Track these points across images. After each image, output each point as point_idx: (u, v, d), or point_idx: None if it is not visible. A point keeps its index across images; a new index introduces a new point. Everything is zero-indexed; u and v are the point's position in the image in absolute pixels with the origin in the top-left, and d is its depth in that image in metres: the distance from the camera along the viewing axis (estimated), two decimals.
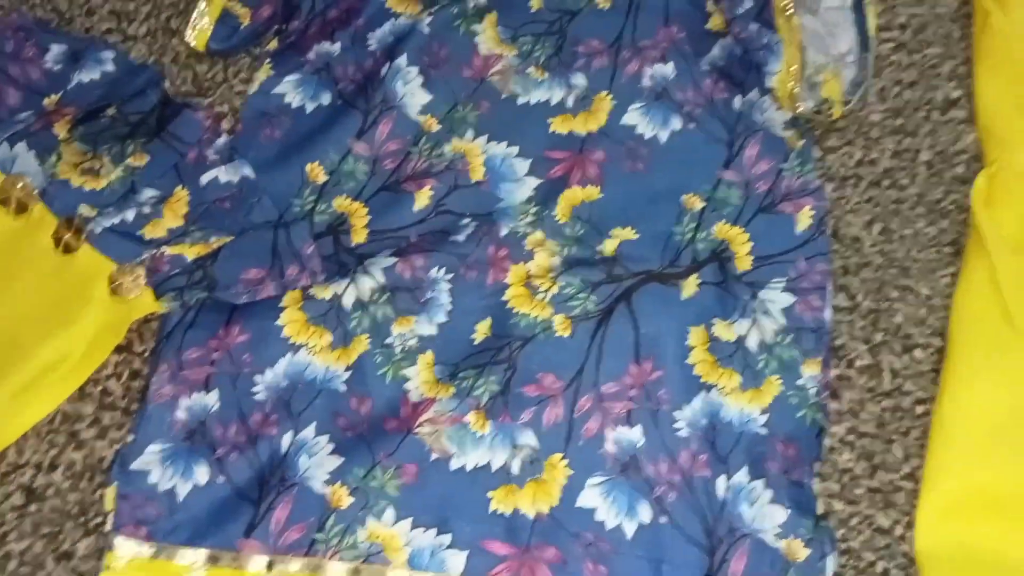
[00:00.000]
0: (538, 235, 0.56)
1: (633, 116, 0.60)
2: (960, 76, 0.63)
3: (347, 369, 0.53)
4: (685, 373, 0.53)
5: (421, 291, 0.55)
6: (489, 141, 0.59)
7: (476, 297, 0.55)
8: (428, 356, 0.54)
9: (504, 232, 0.56)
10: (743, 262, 0.56)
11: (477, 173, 0.58)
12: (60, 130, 0.57)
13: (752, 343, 0.54)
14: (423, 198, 0.58)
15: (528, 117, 0.59)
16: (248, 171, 0.58)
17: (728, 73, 0.61)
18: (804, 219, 0.57)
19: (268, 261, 0.56)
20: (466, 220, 0.57)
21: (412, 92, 0.60)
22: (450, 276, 0.55)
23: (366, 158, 0.59)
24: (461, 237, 0.56)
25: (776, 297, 0.55)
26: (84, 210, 0.56)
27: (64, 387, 0.53)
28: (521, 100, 0.60)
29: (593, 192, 0.58)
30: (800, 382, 0.53)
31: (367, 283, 0.55)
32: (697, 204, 0.57)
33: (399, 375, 0.53)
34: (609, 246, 0.56)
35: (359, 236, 0.57)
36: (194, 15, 0.61)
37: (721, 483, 0.51)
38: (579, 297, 0.54)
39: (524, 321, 0.54)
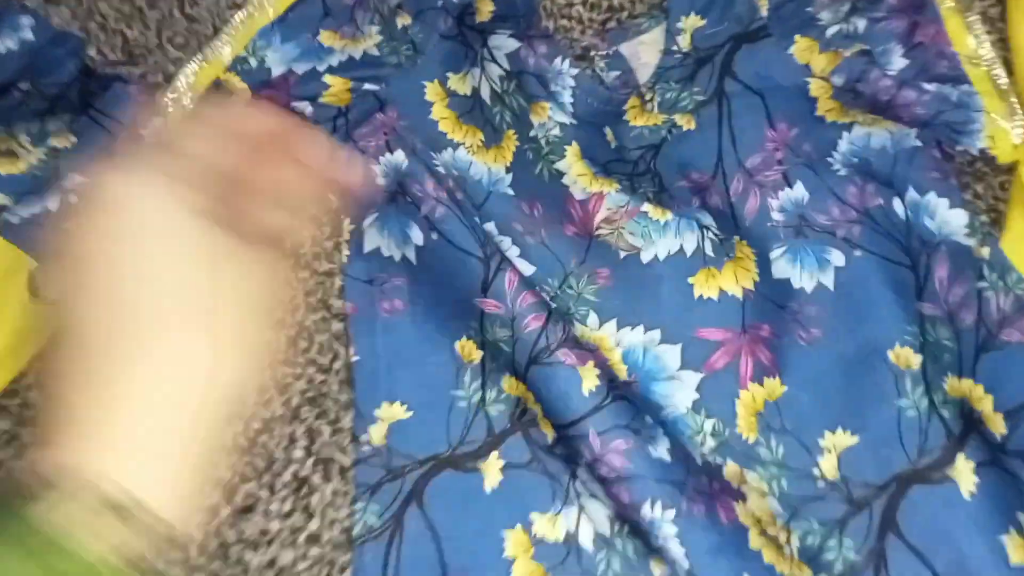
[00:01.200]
0: (733, 468, 0.43)
1: (781, 267, 0.46)
2: (992, 19, 0.54)
3: None
4: None
5: (644, 535, 0.43)
6: (620, 327, 0.45)
7: (717, 544, 0.42)
8: None
9: (700, 462, 0.43)
10: (995, 423, 0.42)
11: (620, 371, 0.44)
12: None
13: None
14: (590, 376, 0.45)
15: (662, 281, 0.46)
16: None
17: (871, 171, 0.47)
18: None
19: None
20: (649, 419, 0.44)
21: (512, 262, 0.47)
22: (672, 514, 0.43)
23: (502, 318, 0.45)
24: (664, 454, 0.44)
25: None
26: None
27: None
28: (646, 255, 0.47)
29: (774, 387, 0.44)
30: None
31: (600, 511, 0.44)
32: (913, 359, 0.44)
33: None
34: (827, 466, 0.43)
35: (547, 428, 0.46)
36: (176, 84, 0.51)
37: None
38: (830, 547, 0.41)
39: None
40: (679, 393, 0.44)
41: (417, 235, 0.48)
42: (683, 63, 0.51)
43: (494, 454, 0.45)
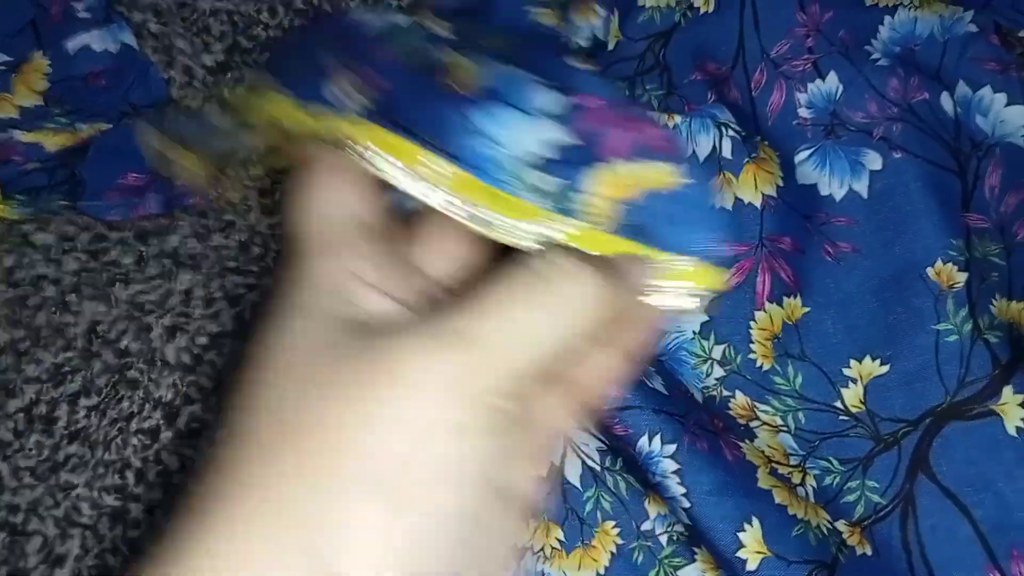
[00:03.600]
0: (742, 400, 0.37)
1: (806, 171, 0.39)
2: None
3: None
4: None
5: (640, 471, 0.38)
6: None
7: (721, 479, 0.37)
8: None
9: (700, 400, 0.38)
10: None
11: None
12: None
13: None
14: None
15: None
16: (130, 38, 0.45)
17: (916, 63, 0.40)
18: None
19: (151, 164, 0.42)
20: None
21: None
22: (672, 448, 0.37)
23: None
24: (659, 386, 0.39)
25: None
26: None
27: None
28: None
29: (795, 308, 0.38)
30: None
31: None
32: (956, 276, 0.38)
33: None
34: (852, 397, 0.37)
35: None
36: None
37: None
38: (851, 489, 0.36)
39: (812, 536, 0.37)
40: (686, 315, 0.38)
41: None
42: None
43: None
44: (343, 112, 0.29)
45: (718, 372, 0.37)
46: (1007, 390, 0.36)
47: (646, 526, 0.38)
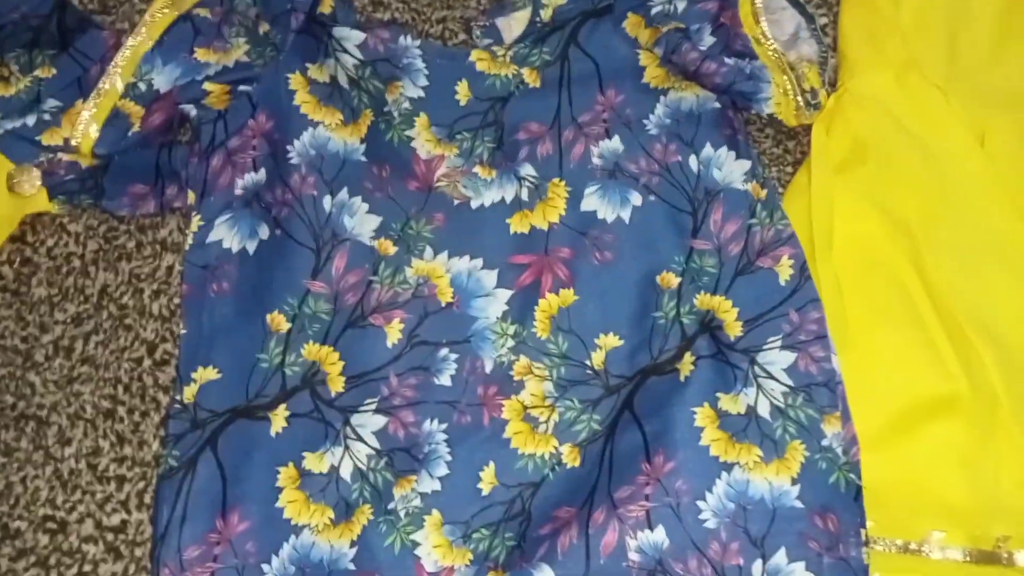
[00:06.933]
0: (523, 361, 0.54)
1: (591, 201, 0.57)
2: (829, 3, 0.64)
3: (352, 545, 0.51)
4: (701, 456, 0.50)
5: (418, 447, 0.52)
6: (451, 257, 0.56)
7: (475, 442, 0.52)
8: (435, 517, 0.51)
9: (490, 368, 0.54)
10: (733, 328, 0.53)
11: (445, 295, 0.55)
12: None
13: (764, 411, 0.51)
14: (394, 332, 0.54)
15: (485, 222, 0.57)
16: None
17: (676, 133, 0.58)
18: (785, 270, 0.54)
19: (152, 178, 0.61)
20: (444, 351, 0.54)
21: (361, 220, 0.56)
22: (444, 426, 0.53)
23: (326, 296, 0.55)
24: (446, 380, 0.54)
25: (775, 358, 0.52)
26: None
27: None
28: (475, 204, 0.57)
29: (568, 296, 0.55)
30: (825, 443, 0.51)
31: (362, 450, 0.52)
32: (673, 281, 0.55)
33: (407, 542, 0.51)
34: (597, 359, 0.54)
35: (336, 384, 0.54)
36: (82, 118, 0.58)
37: (756, 569, 0.49)
38: (582, 420, 0.53)
39: (531, 464, 0.52)
40: (492, 306, 0.55)
41: (264, 231, 0.57)
42: (540, 31, 0.61)
43: (282, 406, 0.53)
44: None
45: (510, 343, 0.54)
46: (687, 355, 0.54)
47: (391, 506, 0.51)
